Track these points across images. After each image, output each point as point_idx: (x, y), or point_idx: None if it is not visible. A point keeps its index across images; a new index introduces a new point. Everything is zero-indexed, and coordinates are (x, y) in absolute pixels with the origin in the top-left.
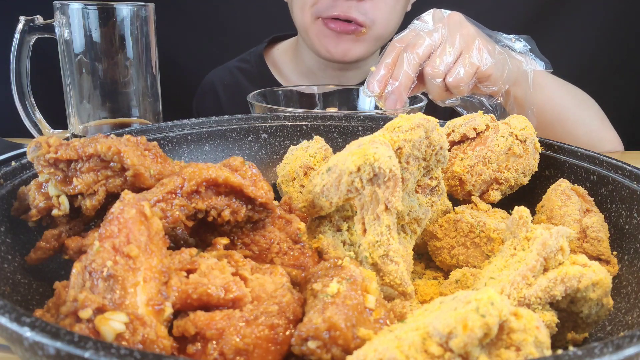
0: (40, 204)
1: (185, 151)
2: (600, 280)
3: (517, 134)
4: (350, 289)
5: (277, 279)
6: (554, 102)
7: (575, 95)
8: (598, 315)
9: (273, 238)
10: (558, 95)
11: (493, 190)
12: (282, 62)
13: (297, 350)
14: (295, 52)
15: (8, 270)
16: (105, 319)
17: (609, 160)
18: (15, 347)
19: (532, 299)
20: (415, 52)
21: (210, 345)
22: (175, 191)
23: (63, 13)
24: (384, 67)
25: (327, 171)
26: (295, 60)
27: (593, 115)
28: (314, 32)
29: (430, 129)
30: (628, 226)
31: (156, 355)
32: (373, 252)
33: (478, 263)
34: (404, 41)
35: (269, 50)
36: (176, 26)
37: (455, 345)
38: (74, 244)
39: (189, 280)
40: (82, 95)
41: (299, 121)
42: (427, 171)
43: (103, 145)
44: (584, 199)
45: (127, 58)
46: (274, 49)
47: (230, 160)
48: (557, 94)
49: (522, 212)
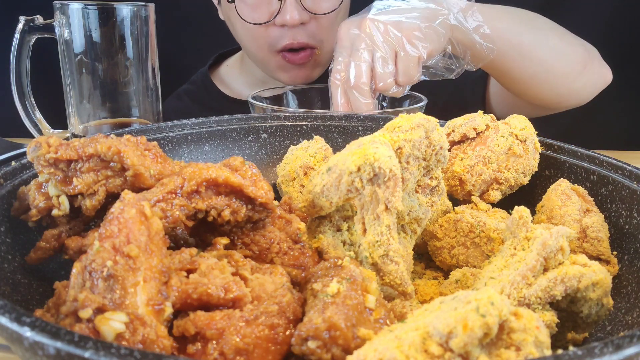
0: (40, 204)
1: (185, 151)
2: (600, 280)
3: (517, 134)
4: (350, 289)
5: (277, 279)
6: (499, 29)
7: (520, 18)
8: (598, 315)
9: (273, 238)
10: (499, 21)
11: (493, 190)
12: (231, 78)
13: (297, 350)
14: (242, 65)
15: (8, 270)
16: (105, 319)
17: (609, 160)
18: (15, 347)
19: (532, 298)
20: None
21: (210, 345)
22: (175, 191)
23: (63, 13)
24: (341, 108)
25: (327, 171)
26: (243, 73)
27: (548, 32)
28: (274, 65)
29: (430, 128)
30: (628, 226)
31: (156, 355)
32: (373, 252)
33: (478, 263)
34: (342, 78)
35: (216, 68)
36: (176, 26)
37: (455, 345)
38: (74, 244)
39: (189, 280)
40: (82, 95)
41: (299, 121)
42: (427, 171)
43: (103, 145)
44: (584, 199)
45: (127, 58)
46: (222, 66)
47: (230, 160)
48: (499, 21)
49: (522, 212)
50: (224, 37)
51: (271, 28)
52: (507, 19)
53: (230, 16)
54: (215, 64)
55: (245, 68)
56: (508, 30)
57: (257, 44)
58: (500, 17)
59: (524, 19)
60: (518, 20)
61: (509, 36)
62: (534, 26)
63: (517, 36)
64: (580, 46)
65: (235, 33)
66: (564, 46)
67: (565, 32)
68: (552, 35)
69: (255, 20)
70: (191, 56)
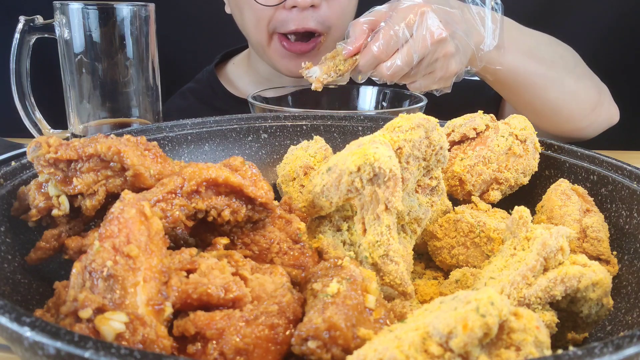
0: (40, 204)
1: (185, 151)
2: (600, 280)
3: (517, 134)
4: (350, 289)
5: (277, 279)
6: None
7: (543, 55)
8: (598, 315)
9: (273, 238)
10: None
11: (493, 190)
12: (237, 76)
13: (297, 350)
14: (248, 63)
15: (8, 270)
16: (105, 319)
17: (609, 160)
18: (16, 347)
19: (532, 298)
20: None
21: (210, 345)
22: (175, 191)
23: (63, 13)
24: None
25: (327, 171)
26: (249, 71)
27: (566, 74)
28: (272, 51)
29: (430, 129)
30: (628, 226)
31: (156, 355)
32: (373, 252)
33: (478, 263)
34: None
35: (222, 66)
36: (176, 26)
37: (455, 345)
38: (74, 244)
39: (189, 280)
40: (82, 95)
41: (299, 121)
42: (427, 171)
43: (103, 145)
44: (584, 199)
45: (127, 58)
46: (228, 64)
47: (230, 160)
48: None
49: (522, 212)
50: (225, 37)
51: (279, 11)
52: (527, 52)
53: (239, 1)
54: (221, 63)
55: (252, 66)
56: (522, 67)
57: (258, 27)
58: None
59: (546, 56)
60: (538, 56)
61: (522, 72)
62: (552, 66)
63: (531, 76)
64: (594, 87)
65: (242, 21)
66: (578, 89)
67: (583, 73)
68: (569, 77)
69: (267, 1)
70: (191, 56)
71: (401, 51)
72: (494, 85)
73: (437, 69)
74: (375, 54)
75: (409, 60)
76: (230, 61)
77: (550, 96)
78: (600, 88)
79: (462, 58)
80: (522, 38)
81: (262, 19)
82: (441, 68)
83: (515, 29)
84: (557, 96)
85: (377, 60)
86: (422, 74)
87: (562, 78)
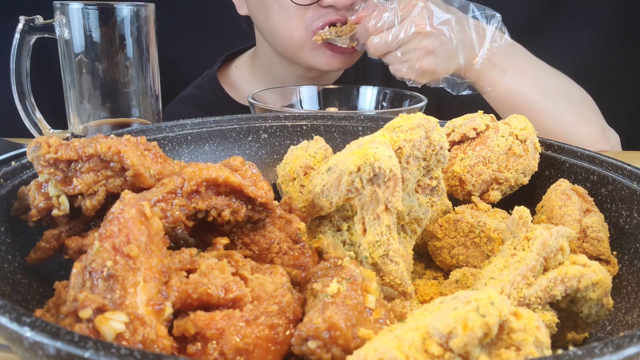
0: (40, 204)
1: (185, 151)
2: (600, 280)
3: (517, 134)
4: (350, 289)
5: (277, 279)
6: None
7: (546, 85)
8: (598, 315)
9: (273, 238)
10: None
11: (493, 190)
12: (242, 80)
13: (297, 350)
14: (253, 66)
15: (8, 270)
16: (105, 319)
17: (609, 160)
18: (16, 347)
19: (532, 299)
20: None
21: (210, 345)
22: (175, 191)
23: (63, 13)
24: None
25: (327, 171)
26: (255, 74)
27: (565, 107)
28: (309, 49)
29: (430, 129)
30: (628, 226)
31: (156, 355)
32: (373, 252)
33: (478, 263)
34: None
35: (225, 70)
36: (176, 26)
37: (456, 345)
38: (74, 244)
39: (189, 280)
40: (82, 95)
41: (299, 121)
42: (427, 171)
43: (103, 145)
44: (584, 199)
45: (127, 58)
46: (231, 67)
47: (230, 160)
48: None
49: (522, 212)
50: (225, 37)
51: (312, 10)
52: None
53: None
54: (223, 66)
55: (258, 68)
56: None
57: (292, 27)
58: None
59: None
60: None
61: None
62: (551, 97)
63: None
64: (596, 128)
65: (265, 21)
66: (577, 125)
67: (587, 112)
68: (568, 112)
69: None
70: (192, 56)
71: (386, 31)
72: (489, 101)
73: (412, 59)
74: (367, 28)
75: (390, 41)
76: (232, 64)
77: (544, 124)
78: (605, 131)
79: (439, 60)
80: (525, 64)
81: (295, 18)
82: (416, 60)
83: (521, 54)
84: (551, 125)
85: (367, 33)
86: (400, 59)
87: (559, 110)
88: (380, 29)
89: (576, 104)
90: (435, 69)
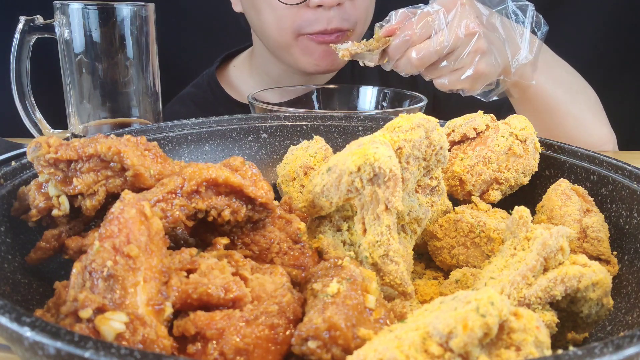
0: (40, 204)
1: (185, 151)
2: (600, 280)
3: (517, 134)
4: (350, 289)
5: (277, 279)
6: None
7: (571, 86)
8: (598, 315)
9: (273, 238)
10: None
11: (493, 190)
12: (240, 79)
13: (297, 350)
14: (251, 65)
15: (8, 270)
16: (105, 319)
17: (609, 160)
18: (16, 347)
19: (532, 299)
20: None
21: (210, 345)
22: (176, 191)
23: (63, 13)
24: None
25: (327, 171)
26: (253, 74)
27: (586, 108)
28: (299, 49)
29: (431, 129)
30: (628, 226)
31: (156, 355)
32: (373, 252)
33: (478, 263)
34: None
35: (223, 69)
36: (176, 26)
37: (456, 345)
38: (74, 244)
39: (189, 280)
40: (82, 95)
41: (299, 121)
42: (427, 171)
43: (103, 145)
44: (584, 199)
45: (127, 58)
46: (230, 66)
47: (230, 160)
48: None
49: (522, 212)
50: (226, 37)
51: (303, 11)
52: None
53: (257, 1)
54: (222, 66)
55: (256, 67)
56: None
57: (281, 27)
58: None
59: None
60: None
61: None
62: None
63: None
64: (607, 127)
65: (257, 21)
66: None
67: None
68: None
69: (291, 0)
70: (192, 56)
71: (433, 38)
72: (519, 103)
73: (466, 65)
74: (408, 36)
75: (440, 48)
76: (231, 63)
77: (567, 124)
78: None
79: (494, 60)
80: (554, 64)
81: (284, 18)
82: (470, 64)
83: (549, 54)
84: (574, 126)
85: (408, 43)
86: (450, 68)
87: (582, 111)
88: (424, 35)
89: (593, 105)
90: (490, 71)
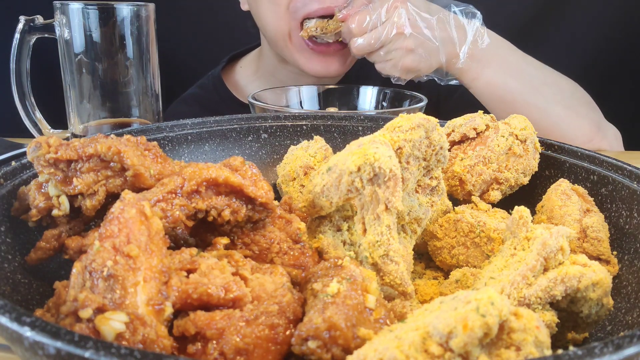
0: (40, 204)
1: (185, 151)
2: (600, 280)
3: (517, 134)
4: (350, 289)
5: (277, 279)
6: (497, 83)
7: (532, 79)
8: (598, 315)
9: (273, 238)
10: (504, 76)
11: (493, 190)
12: (246, 81)
13: (297, 350)
14: (258, 65)
15: (8, 270)
16: (105, 319)
17: (609, 160)
18: (16, 347)
19: (532, 298)
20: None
21: (210, 345)
22: (176, 191)
23: (63, 13)
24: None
25: (327, 171)
26: (259, 76)
27: (555, 101)
28: (294, 46)
29: (431, 128)
30: (628, 226)
31: (156, 355)
32: (373, 252)
33: (478, 263)
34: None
35: (229, 70)
36: (176, 26)
37: (456, 345)
38: (74, 244)
39: (189, 280)
40: (82, 95)
41: (299, 121)
42: (427, 171)
43: (103, 145)
44: (584, 199)
45: (127, 58)
46: (236, 67)
47: (231, 160)
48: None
49: (522, 212)
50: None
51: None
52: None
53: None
54: (227, 67)
55: (263, 69)
56: (501, 82)
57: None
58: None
59: (532, 80)
60: (522, 77)
61: (501, 87)
62: (537, 90)
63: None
64: (590, 123)
65: (258, 13)
66: (567, 120)
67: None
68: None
69: None
70: (192, 56)
71: (369, 33)
72: (474, 94)
73: (395, 58)
74: (351, 29)
75: (372, 43)
76: (237, 64)
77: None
78: (601, 126)
79: (420, 58)
80: (509, 57)
81: (280, 3)
82: (398, 58)
83: (505, 47)
84: (539, 119)
85: (352, 34)
86: (382, 58)
87: (547, 104)
88: (364, 30)
89: (567, 98)
90: (417, 66)
